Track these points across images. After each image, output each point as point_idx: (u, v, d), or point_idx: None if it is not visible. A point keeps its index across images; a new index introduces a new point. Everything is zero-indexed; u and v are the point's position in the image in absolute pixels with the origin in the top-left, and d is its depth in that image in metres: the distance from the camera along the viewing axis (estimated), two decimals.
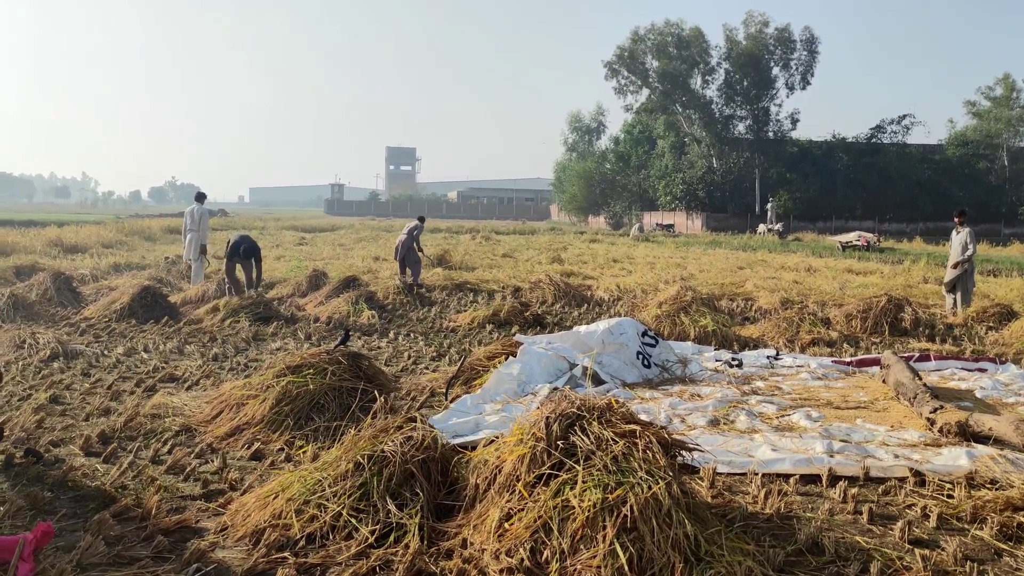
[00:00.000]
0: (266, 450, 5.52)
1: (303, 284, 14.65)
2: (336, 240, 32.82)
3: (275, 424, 5.87)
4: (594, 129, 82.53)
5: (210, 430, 5.94)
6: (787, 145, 57.22)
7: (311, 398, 6.08)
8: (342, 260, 21.43)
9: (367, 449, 4.39)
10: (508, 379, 7.08)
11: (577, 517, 3.68)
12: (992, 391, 7.69)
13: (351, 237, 35.25)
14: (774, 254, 27.64)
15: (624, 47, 56.75)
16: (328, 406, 6.06)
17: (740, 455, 5.47)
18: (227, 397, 6.40)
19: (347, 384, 6.29)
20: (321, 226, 47.18)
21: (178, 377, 7.73)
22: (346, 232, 40.50)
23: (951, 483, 4.89)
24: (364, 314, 11.63)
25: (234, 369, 8.20)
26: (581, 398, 4.41)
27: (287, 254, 23.83)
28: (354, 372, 6.49)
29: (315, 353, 6.66)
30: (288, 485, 4.33)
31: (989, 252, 31.38)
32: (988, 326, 11.82)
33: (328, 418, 5.91)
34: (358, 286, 13.31)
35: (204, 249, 14.74)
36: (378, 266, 19.32)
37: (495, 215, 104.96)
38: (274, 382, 6.24)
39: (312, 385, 6.15)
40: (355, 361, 6.65)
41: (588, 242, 34.94)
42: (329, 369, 6.35)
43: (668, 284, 15.23)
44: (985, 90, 59.85)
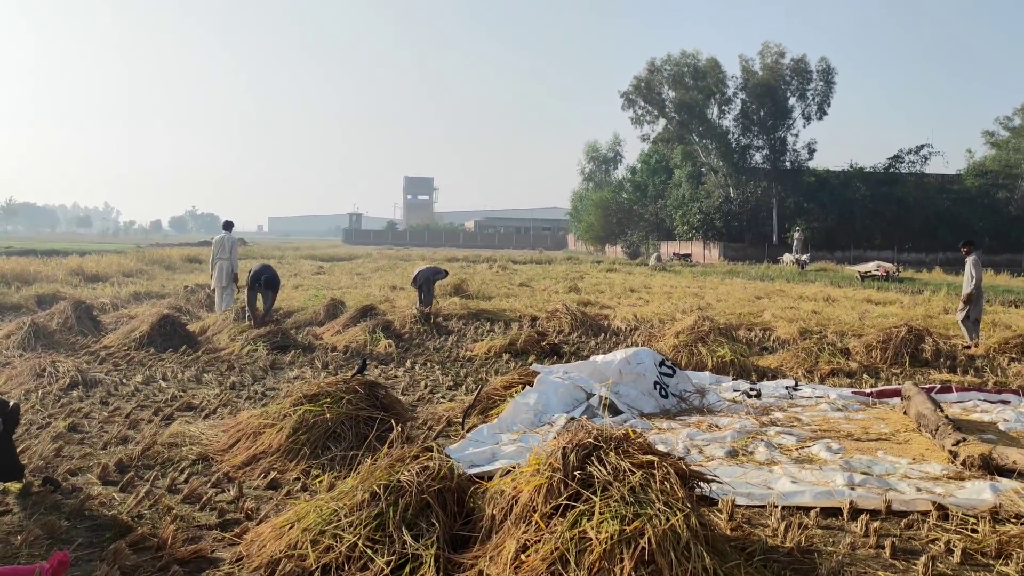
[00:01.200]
0: (282, 479, 5.52)
1: (320, 313, 14.72)
2: (354, 269, 32.99)
3: (292, 453, 5.87)
4: (611, 159, 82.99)
5: (227, 459, 5.95)
6: (804, 175, 57.14)
7: (328, 427, 6.08)
8: (359, 289, 21.52)
9: (383, 479, 4.37)
10: (525, 409, 7.06)
11: (594, 549, 3.64)
12: (1016, 423, 7.57)
13: (369, 266, 35.42)
14: (792, 284, 27.49)
15: (641, 77, 57.11)
16: (345, 435, 6.05)
17: (759, 487, 5.40)
18: (244, 426, 6.41)
19: (364, 413, 6.29)
20: (339, 255, 47.49)
21: (196, 406, 7.76)
22: (364, 261, 40.71)
23: (975, 517, 4.81)
24: (381, 343, 11.65)
25: (251, 398, 8.22)
26: (598, 428, 4.38)
27: (305, 283, 23.96)
28: (371, 401, 6.49)
29: (332, 382, 6.67)
30: (304, 515, 4.32)
31: (1010, 283, 31.05)
32: (1011, 357, 11.67)
33: (345, 447, 5.90)
34: (375, 315, 13.35)
35: (236, 277, 14.88)
36: (395, 295, 19.37)
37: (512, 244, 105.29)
38: (291, 411, 6.25)
39: (329, 414, 6.15)
40: (372, 390, 6.65)
41: (605, 271, 34.92)
42: (346, 398, 6.36)
43: (685, 314, 15.17)
44: (1003, 120, 59.63)
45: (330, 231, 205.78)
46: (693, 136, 57.78)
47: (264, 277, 12.77)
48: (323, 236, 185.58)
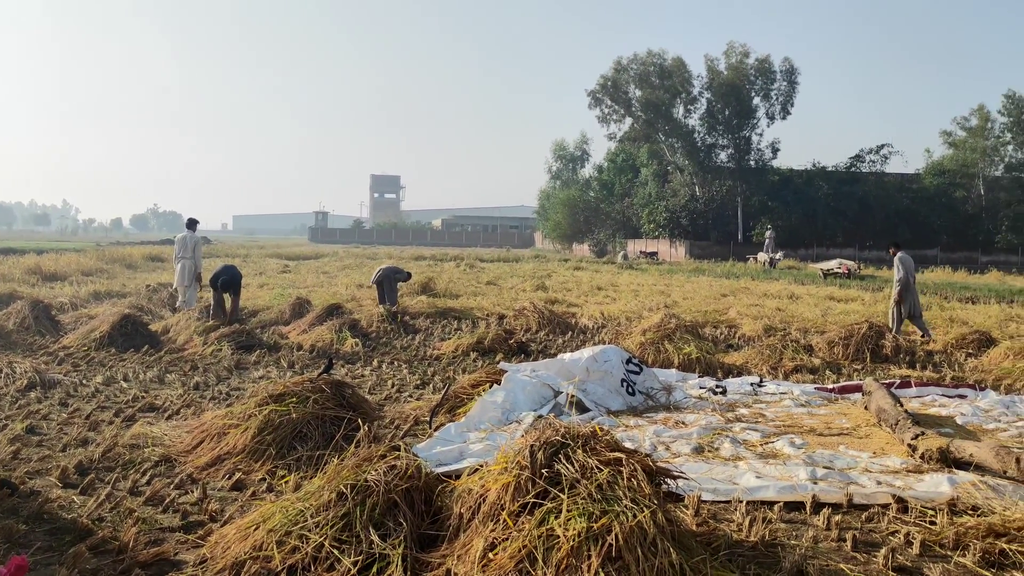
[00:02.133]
0: (247, 480, 5.46)
1: (286, 312, 14.59)
2: (320, 268, 32.74)
3: (257, 454, 5.81)
4: (578, 157, 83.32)
5: (190, 460, 5.87)
6: (768, 174, 57.84)
7: (294, 427, 6.03)
8: (326, 288, 21.36)
9: (350, 479, 4.35)
10: (492, 407, 7.06)
11: (562, 546, 3.65)
12: (972, 417, 7.74)
13: (335, 265, 35.18)
14: (757, 282, 27.81)
15: (607, 76, 57.41)
16: (311, 435, 6.00)
17: (725, 482, 5.46)
18: (208, 427, 6.33)
19: (330, 413, 6.25)
20: (305, 254, 47.08)
21: (158, 406, 7.65)
22: (330, 260, 40.43)
23: (933, 509, 4.91)
24: (347, 342, 11.58)
25: (215, 398, 8.13)
26: (566, 426, 4.40)
27: (270, 282, 23.73)
28: (337, 401, 6.45)
29: (298, 382, 6.61)
30: (269, 516, 4.28)
31: (967, 280, 31.72)
32: (967, 353, 11.92)
33: (311, 447, 5.86)
34: (341, 314, 13.26)
35: (199, 276, 14.66)
36: (362, 294, 19.25)
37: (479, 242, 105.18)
38: (256, 411, 6.18)
39: (295, 414, 6.10)
40: (338, 390, 6.61)
41: (572, 269, 35.03)
42: (312, 398, 6.30)
43: (652, 311, 15.28)
44: (961, 120, 60.99)
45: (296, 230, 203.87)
46: (659, 135, 58.24)
47: (222, 279, 12.64)
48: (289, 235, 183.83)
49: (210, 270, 13.59)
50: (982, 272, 39.30)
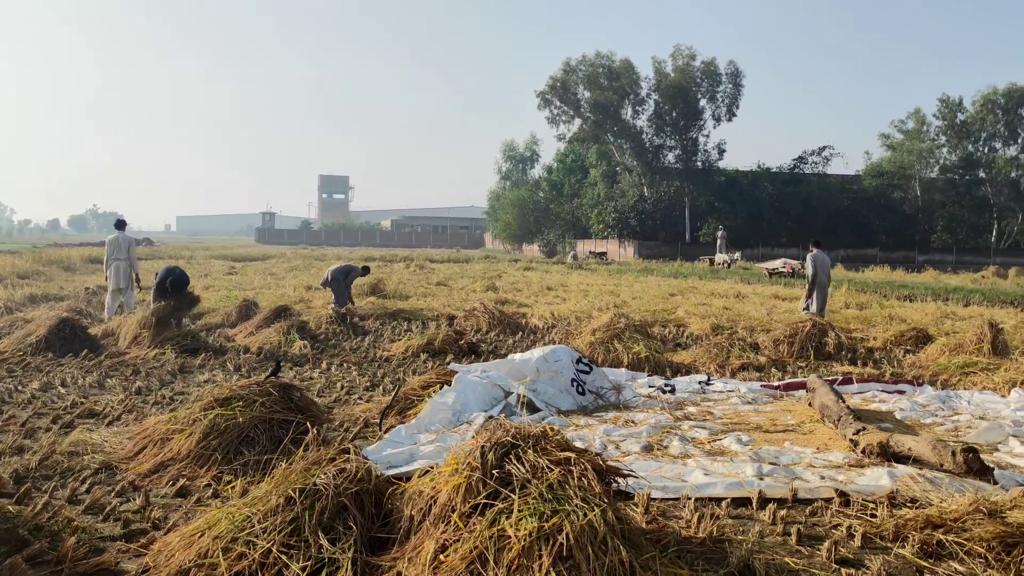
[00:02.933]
0: (192, 486, 5.35)
1: (233, 314, 14.34)
2: (267, 269, 32.25)
3: (202, 459, 5.70)
4: (528, 158, 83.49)
5: (132, 467, 5.73)
6: (715, 175, 58.72)
7: (240, 431, 5.93)
8: (273, 289, 21.05)
9: (299, 483, 4.29)
10: (443, 408, 7.04)
11: (513, 547, 3.65)
12: (911, 412, 7.96)
13: (283, 266, 34.69)
14: (704, 281, 28.20)
15: (557, 77, 57.66)
16: (258, 439, 5.91)
17: (673, 480, 5.53)
18: (151, 432, 6.19)
19: (278, 416, 6.16)
20: (252, 255, 46.33)
21: (98, 412, 7.45)
22: (277, 261, 39.83)
23: (874, 502, 5.03)
24: (296, 344, 11.44)
25: (159, 403, 7.95)
26: (516, 426, 4.40)
27: (216, 283, 23.30)
28: (285, 404, 6.36)
29: (245, 385, 6.50)
30: (215, 522, 4.20)
31: (905, 278, 32.60)
32: (906, 349, 12.26)
33: (258, 451, 5.77)
34: (290, 316, 13.08)
35: (138, 278, 14.28)
36: (311, 295, 19.02)
37: (429, 243, 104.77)
38: (201, 415, 6.06)
39: (241, 418, 6.00)
40: (286, 392, 6.52)
41: (522, 270, 35.11)
42: (259, 401, 6.21)
43: (602, 311, 15.38)
44: (898, 123, 62.75)
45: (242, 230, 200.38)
46: (608, 136, 58.69)
47: (170, 280, 12.35)
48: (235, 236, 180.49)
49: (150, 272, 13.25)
50: (919, 271, 40.45)
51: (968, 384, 9.58)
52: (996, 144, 59.86)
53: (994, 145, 59.91)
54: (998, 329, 11.43)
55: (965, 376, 9.88)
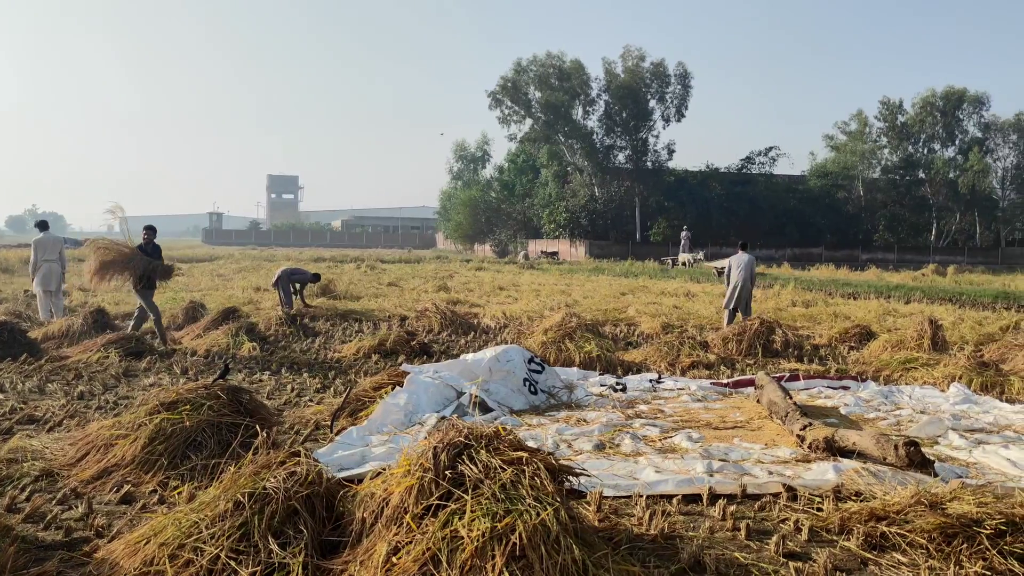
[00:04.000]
0: (137, 492, 5.23)
1: (179, 316, 14.07)
2: (215, 270, 31.68)
3: (148, 464, 5.57)
4: (479, 158, 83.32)
5: (74, 474, 5.58)
6: (665, 175, 59.31)
7: (187, 435, 5.81)
8: (221, 291, 20.68)
9: (248, 487, 4.22)
10: (395, 409, 7.00)
11: (466, 547, 3.65)
12: (855, 407, 8.15)
13: (231, 267, 34.12)
14: (655, 280, 28.51)
15: (507, 78, 57.64)
16: (206, 443, 5.80)
17: (625, 478, 5.57)
18: (94, 438, 6.03)
19: (227, 419, 6.05)
20: (199, 256, 45.47)
21: (38, 418, 7.24)
22: (225, 262, 39.17)
23: (820, 496, 5.14)
24: (245, 346, 11.26)
25: (102, 408, 7.75)
26: (469, 426, 4.39)
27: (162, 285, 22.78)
28: (234, 407, 6.25)
29: (192, 388, 6.38)
30: (161, 529, 4.11)
31: (849, 277, 33.36)
32: (850, 346, 12.55)
33: (206, 456, 5.66)
34: (238, 317, 12.87)
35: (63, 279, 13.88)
36: (260, 297, 18.75)
37: (380, 243, 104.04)
38: (147, 420, 5.93)
39: (189, 422, 5.88)
40: (235, 395, 6.41)
41: (474, 270, 35.07)
42: (207, 404, 6.09)
43: (553, 311, 15.44)
44: (841, 124, 64.16)
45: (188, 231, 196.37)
46: (559, 136, 58.87)
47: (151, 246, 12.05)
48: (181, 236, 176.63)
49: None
50: (862, 269, 41.41)
51: (909, 379, 9.84)
52: (935, 145, 61.63)
53: (933, 147, 61.68)
54: (937, 326, 11.77)
55: (906, 372, 10.15)
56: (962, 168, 59.09)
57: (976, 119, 60.95)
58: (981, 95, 60.00)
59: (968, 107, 60.14)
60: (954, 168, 60.03)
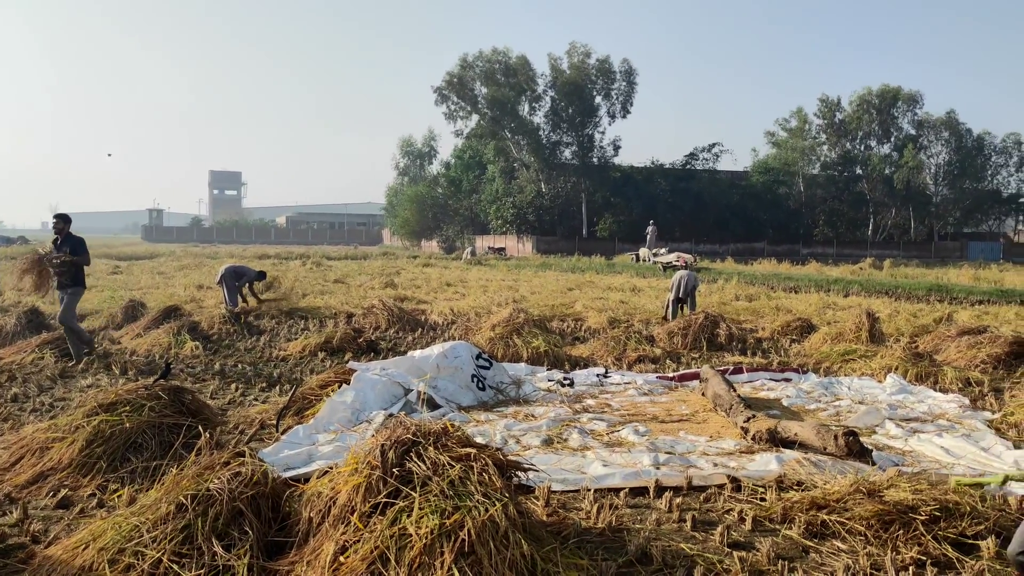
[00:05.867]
0: (75, 497, 5.09)
1: (118, 316, 13.70)
2: (155, 268, 30.95)
3: (86, 468, 5.42)
4: (426, 154, 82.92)
5: (8, 479, 5.40)
6: (611, 171, 59.79)
7: (127, 437, 5.67)
8: (162, 289, 20.22)
9: (191, 488, 4.14)
10: (342, 407, 6.93)
11: (415, 545, 3.63)
12: (796, 399, 8.34)
13: (172, 265, 33.38)
14: (601, 275, 28.74)
15: (453, 73, 57.47)
16: (147, 445, 5.67)
17: (573, 472, 5.61)
18: (28, 441, 5.85)
19: (168, 420, 5.93)
20: (138, 253, 44.37)
21: None
22: (166, 260, 38.30)
23: (764, 487, 5.24)
24: (187, 345, 11.02)
25: (37, 410, 7.51)
26: (416, 423, 4.38)
27: (100, 283, 22.19)
28: (176, 407, 6.13)
29: (132, 389, 6.23)
30: (100, 533, 4.01)
31: (791, 271, 34.06)
32: (792, 339, 12.82)
33: (147, 458, 5.53)
34: (180, 316, 12.60)
35: None
36: (203, 295, 18.37)
37: (326, 240, 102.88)
38: (84, 422, 5.77)
39: (128, 423, 5.74)
40: (177, 395, 6.28)
41: (421, 266, 34.91)
42: (148, 405, 5.96)
43: (501, 307, 15.45)
44: (782, 121, 65.47)
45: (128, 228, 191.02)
46: (505, 132, 58.91)
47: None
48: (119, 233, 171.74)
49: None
50: (803, 263, 42.28)
51: (848, 371, 10.09)
52: (871, 142, 63.36)
53: (869, 143, 63.39)
54: (875, 318, 12.09)
55: (845, 363, 10.41)
56: (897, 164, 60.82)
57: (910, 117, 62.86)
58: (915, 93, 61.85)
59: (902, 105, 61.93)
60: (890, 164, 61.76)
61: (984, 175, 63.50)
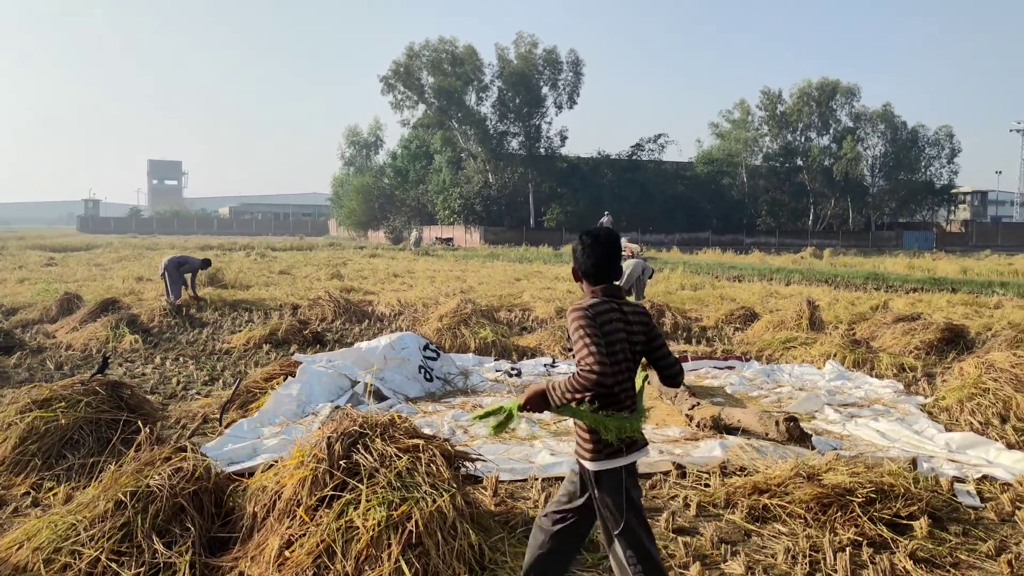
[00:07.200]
0: (8, 496, 4.93)
1: (53, 309, 13.29)
2: (92, 260, 30.08)
3: (19, 466, 5.26)
4: (372, 143, 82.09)
5: None
6: (558, 161, 60.03)
7: (63, 434, 5.51)
8: (99, 282, 19.68)
9: (130, 485, 4.05)
10: (287, 400, 6.85)
11: (362, 537, 3.62)
12: (739, 386, 8.49)
13: (110, 256, 32.50)
14: (549, 265, 28.84)
15: (400, 62, 56.99)
16: (84, 441, 5.52)
17: (521, 462, 5.63)
18: None
19: (106, 416, 5.77)
20: (74, 245, 43.07)
21: None
22: (104, 251, 37.25)
23: (708, 473, 5.33)
24: (126, 339, 10.75)
25: None
26: (363, 415, 4.35)
27: (32, 276, 21.51)
28: (114, 402, 5.97)
29: (67, 384, 6.05)
30: (35, 532, 3.89)
31: (734, 260, 34.65)
32: (735, 327, 13.04)
33: (84, 455, 5.39)
34: (118, 309, 12.29)
35: None
36: (142, 287, 17.94)
37: (271, 231, 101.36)
38: (17, 419, 5.59)
39: (64, 419, 5.58)
40: (115, 390, 6.12)
41: (368, 257, 34.63)
42: (84, 401, 5.79)
43: (448, 297, 15.41)
44: (726, 113, 66.54)
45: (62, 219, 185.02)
46: (452, 122, 58.69)
47: None
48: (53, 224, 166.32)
49: None
50: (746, 253, 43.10)
51: (789, 358, 10.31)
52: (811, 134, 64.76)
53: (809, 135, 64.79)
54: (815, 306, 12.37)
55: (787, 350, 10.63)
56: (836, 156, 62.33)
57: (848, 109, 64.45)
58: (853, 86, 63.45)
59: (841, 98, 63.42)
60: (829, 156, 63.22)
61: (918, 167, 65.43)
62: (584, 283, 3.20)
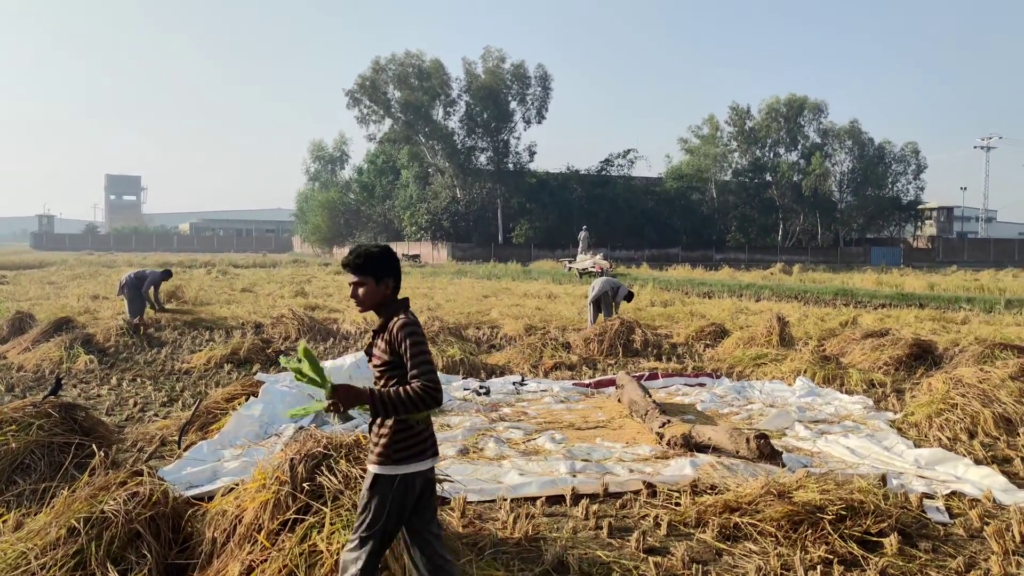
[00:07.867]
0: None
1: (4, 329, 12.90)
2: (45, 278, 29.34)
3: None
4: (337, 158, 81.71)
5: None
6: (526, 176, 60.20)
7: (13, 458, 5.31)
8: (53, 300, 19.20)
9: (83, 511, 3.90)
10: (249, 421, 6.68)
11: (326, 562, 3.53)
12: (710, 403, 8.47)
13: (64, 274, 31.75)
14: (517, 282, 28.81)
15: (366, 76, 56.85)
16: (35, 466, 5.32)
17: (490, 482, 5.53)
18: None
19: (59, 439, 5.58)
20: (27, 262, 42.00)
21: None
22: (58, 269, 36.40)
23: (678, 492, 5.27)
24: (81, 359, 10.47)
25: None
26: (328, 436, 4.26)
27: None
28: (68, 425, 5.77)
29: (18, 407, 5.84)
30: None
31: (704, 276, 34.90)
32: (706, 344, 13.06)
33: (35, 480, 5.19)
34: (73, 328, 11.97)
35: None
36: (98, 305, 17.55)
37: (233, 247, 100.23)
38: None
39: (14, 443, 5.37)
40: (69, 413, 5.92)
41: (333, 274, 34.30)
42: (36, 424, 5.59)
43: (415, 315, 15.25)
44: (695, 128, 67.22)
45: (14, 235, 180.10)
46: (420, 137, 58.64)
47: None
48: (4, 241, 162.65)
49: None
50: (716, 269, 43.38)
51: (760, 375, 10.33)
52: (780, 150, 65.72)
53: (778, 151, 65.73)
54: (784, 322, 12.45)
55: (757, 367, 10.65)
56: (805, 172, 63.21)
57: (816, 125, 65.53)
58: (820, 103, 64.50)
59: (808, 114, 64.48)
60: (797, 172, 64.15)
61: (885, 183, 66.62)
62: (390, 294, 3.67)
